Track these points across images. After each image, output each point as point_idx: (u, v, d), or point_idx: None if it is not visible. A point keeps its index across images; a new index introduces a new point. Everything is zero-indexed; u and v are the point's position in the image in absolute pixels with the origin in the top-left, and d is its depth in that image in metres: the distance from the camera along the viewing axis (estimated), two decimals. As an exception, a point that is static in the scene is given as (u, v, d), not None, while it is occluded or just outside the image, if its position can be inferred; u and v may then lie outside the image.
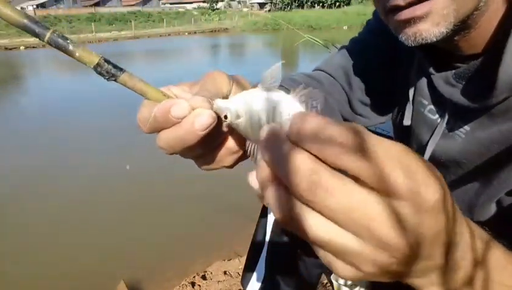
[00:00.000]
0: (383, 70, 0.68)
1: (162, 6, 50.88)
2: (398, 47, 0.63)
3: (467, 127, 0.51)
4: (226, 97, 0.34)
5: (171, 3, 54.65)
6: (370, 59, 0.69)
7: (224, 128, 0.33)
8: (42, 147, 4.01)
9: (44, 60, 14.47)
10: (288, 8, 41.41)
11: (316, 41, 1.96)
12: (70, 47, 0.30)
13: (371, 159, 0.20)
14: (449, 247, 0.24)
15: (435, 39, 0.42)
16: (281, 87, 0.60)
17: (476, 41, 0.47)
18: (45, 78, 10.10)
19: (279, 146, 0.22)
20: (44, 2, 38.45)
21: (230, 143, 0.35)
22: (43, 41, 0.29)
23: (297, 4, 42.60)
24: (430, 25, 0.41)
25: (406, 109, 0.61)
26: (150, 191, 2.88)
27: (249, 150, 0.31)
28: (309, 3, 42.85)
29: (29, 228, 2.42)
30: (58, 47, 0.30)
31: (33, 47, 19.15)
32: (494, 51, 0.44)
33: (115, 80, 0.31)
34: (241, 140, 0.33)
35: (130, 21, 30.31)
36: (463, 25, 0.44)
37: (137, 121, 0.33)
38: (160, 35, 25.67)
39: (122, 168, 3.34)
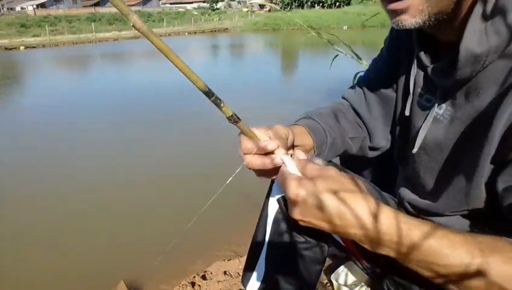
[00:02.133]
0: (394, 80, 0.76)
1: (162, 6, 50.90)
2: (401, 52, 0.72)
3: (451, 109, 0.60)
4: (287, 140, 0.60)
5: (171, 3, 54.65)
6: (384, 79, 0.78)
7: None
8: (40, 146, 4.02)
9: (44, 60, 14.48)
10: (288, 8, 41.36)
11: (321, 36, 2.02)
12: (221, 104, 0.47)
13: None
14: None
15: (412, 27, 0.54)
16: (311, 119, 0.76)
17: (461, 31, 0.53)
18: (45, 77, 10.10)
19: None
20: (45, 2, 38.46)
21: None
22: (210, 100, 0.45)
23: (297, 4, 42.57)
24: (409, 16, 0.53)
25: (407, 102, 0.69)
26: (149, 191, 2.89)
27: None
28: (309, 3, 42.82)
29: (29, 228, 2.42)
30: (216, 104, 0.46)
31: (33, 47, 19.16)
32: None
33: (236, 124, 0.50)
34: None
35: (130, 21, 30.21)
36: (444, 17, 0.53)
37: (240, 150, 0.56)
38: (160, 35, 25.66)
39: (121, 169, 3.35)
